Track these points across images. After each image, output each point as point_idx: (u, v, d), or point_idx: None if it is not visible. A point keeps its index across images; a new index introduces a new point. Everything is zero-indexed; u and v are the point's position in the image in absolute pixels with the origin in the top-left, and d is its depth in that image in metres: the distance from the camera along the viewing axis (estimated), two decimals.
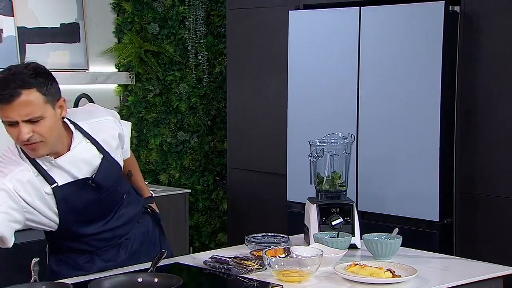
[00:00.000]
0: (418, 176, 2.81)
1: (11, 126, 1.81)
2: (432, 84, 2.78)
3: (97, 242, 2.04)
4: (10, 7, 3.53)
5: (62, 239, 2.02)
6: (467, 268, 2.17)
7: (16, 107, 1.77)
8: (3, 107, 1.78)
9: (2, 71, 1.84)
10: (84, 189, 1.94)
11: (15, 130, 1.81)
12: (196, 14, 3.83)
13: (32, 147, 1.84)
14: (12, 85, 1.77)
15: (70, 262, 2.04)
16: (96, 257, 2.05)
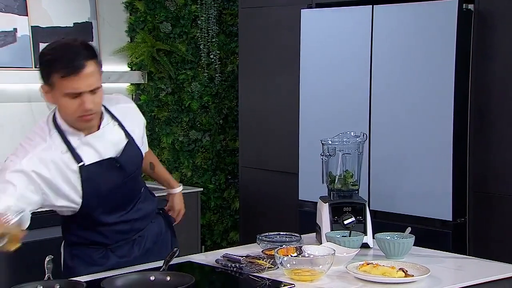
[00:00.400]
0: (431, 175, 2.80)
1: (72, 98, 1.85)
2: (445, 83, 2.76)
3: (114, 234, 2.05)
4: (24, 7, 3.56)
5: (80, 228, 2.04)
6: (481, 268, 2.16)
7: (84, 77, 1.83)
8: (71, 79, 1.82)
9: (58, 45, 1.89)
10: (109, 171, 1.97)
11: (75, 102, 1.85)
12: (208, 13, 3.83)
13: (89, 118, 1.90)
14: (78, 57, 1.83)
15: (84, 258, 2.06)
16: (110, 253, 2.07)
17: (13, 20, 3.52)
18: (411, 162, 2.86)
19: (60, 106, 1.90)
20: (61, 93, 1.86)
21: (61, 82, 1.84)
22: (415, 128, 2.86)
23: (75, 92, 1.85)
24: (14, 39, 3.52)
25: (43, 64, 1.89)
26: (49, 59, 1.86)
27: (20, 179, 1.85)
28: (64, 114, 1.91)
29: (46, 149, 1.90)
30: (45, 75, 1.88)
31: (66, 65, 1.83)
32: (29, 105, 3.64)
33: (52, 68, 1.85)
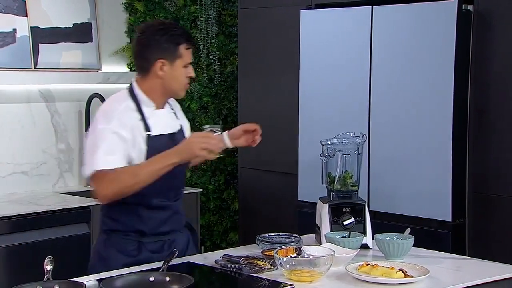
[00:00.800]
0: (431, 175, 2.80)
1: (185, 68, 2.20)
2: (445, 83, 2.76)
3: (151, 222, 2.17)
4: (23, 7, 3.56)
5: (122, 213, 2.16)
6: (480, 269, 2.16)
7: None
8: (190, 50, 2.21)
9: (171, 23, 2.27)
10: (168, 147, 2.14)
11: (187, 70, 2.20)
12: (207, 14, 3.83)
13: (187, 87, 2.25)
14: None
15: (118, 247, 2.17)
16: (143, 247, 2.18)
17: (13, 20, 3.52)
18: (410, 162, 2.86)
19: (176, 76, 2.18)
20: (182, 63, 2.18)
21: (186, 53, 2.18)
22: (414, 129, 2.86)
23: (190, 62, 2.21)
24: (14, 39, 3.52)
25: (172, 37, 2.16)
26: (177, 33, 2.18)
27: (115, 141, 2.09)
28: (177, 82, 2.20)
29: (125, 113, 2.13)
30: (174, 46, 2.16)
31: (190, 38, 2.22)
32: (28, 105, 3.64)
33: (181, 40, 2.17)
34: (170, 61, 2.16)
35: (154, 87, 2.19)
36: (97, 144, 2.08)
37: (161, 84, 2.19)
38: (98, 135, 2.10)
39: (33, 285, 1.79)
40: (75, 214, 3.32)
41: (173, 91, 2.22)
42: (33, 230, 3.17)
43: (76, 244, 3.29)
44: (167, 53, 2.16)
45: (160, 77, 2.17)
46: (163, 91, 2.20)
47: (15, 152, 3.58)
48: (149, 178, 2.07)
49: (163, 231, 2.21)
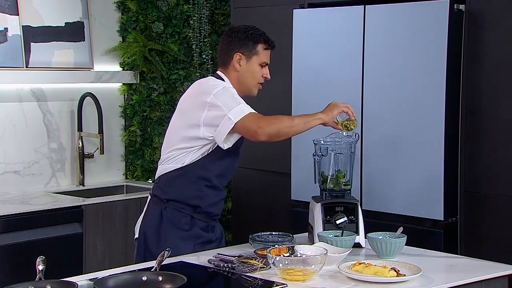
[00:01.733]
0: (423, 174, 2.81)
1: (261, 67, 2.43)
2: (437, 83, 2.77)
3: (207, 199, 2.38)
4: (15, 6, 3.54)
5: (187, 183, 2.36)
6: (472, 267, 2.17)
7: (270, 53, 2.47)
8: (268, 52, 2.45)
9: (252, 26, 2.47)
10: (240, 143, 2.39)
11: (261, 71, 2.44)
12: (200, 13, 3.83)
13: (261, 87, 2.47)
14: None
15: (174, 220, 2.36)
16: (195, 222, 2.37)
17: (4, 19, 3.50)
18: (403, 162, 2.87)
19: (250, 71, 2.41)
20: (258, 61, 2.41)
21: (263, 52, 2.42)
22: (407, 128, 2.86)
23: (266, 62, 2.44)
24: (5, 38, 3.50)
25: (251, 35, 2.41)
26: (257, 33, 2.42)
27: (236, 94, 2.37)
28: (251, 78, 2.42)
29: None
30: (252, 44, 2.40)
31: (269, 40, 2.45)
32: (20, 105, 3.63)
33: (260, 40, 2.42)
34: (247, 56, 2.40)
35: (233, 80, 2.41)
36: (235, 97, 2.32)
37: (237, 78, 2.41)
38: (228, 92, 2.33)
39: (25, 285, 1.79)
40: (67, 213, 3.31)
41: (247, 87, 2.42)
42: (25, 229, 3.16)
43: (69, 244, 3.28)
44: (245, 48, 2.39)
45: (237, 70, 2.40)
46: (240, 86, 2.41)
47: (7, 151, 3.57)
48: (302, 127, 2.33)
49: (212, 211, 2.42)
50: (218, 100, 2.29)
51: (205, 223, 2.41)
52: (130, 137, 4.05)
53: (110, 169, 4.00)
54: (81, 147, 3.80)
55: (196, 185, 2.36)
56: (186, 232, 2.36)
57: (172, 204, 2.38)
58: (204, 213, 2.40)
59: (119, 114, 4.06)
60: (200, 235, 2.38)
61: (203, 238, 2.39)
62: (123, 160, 4.08)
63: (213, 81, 2.39)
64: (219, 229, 2.51)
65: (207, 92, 2.32)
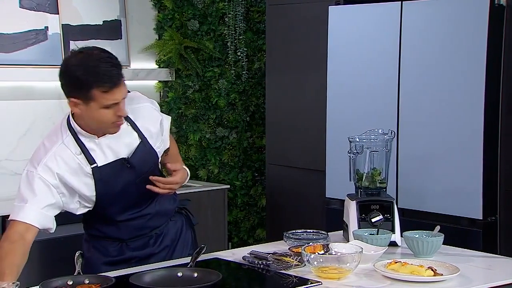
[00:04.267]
0: (461, 172, 2.76)
1: (108, 108, 1.91)
2: (476, 80, 2.72)
3: (129, 230, 2.11)
4: (55, 5, 3.61)
5: (97, 222, 2.11)
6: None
7: (121, 88, 1.92)
8: (113, 91, 1.89)
9: (86, 60, 1.89)
10: (121, 171, 2.01)
11: (111, 111, 1.91)
12: (235, 10, 3.83)
13: (120, 124, 1.97)
14: (113, 70, 1.90)
15: (101, 249, 2.13)
16: (125, 246, 2.13)
17: (45, 18, 3.57)
18: (440, 159, 2.83)
19: (94, 117, 1.93)
20: (100, 105, 1.90)
21: (103, 96, 1.89)
22: (444, 125, 2.82)
23: (114, 102, 1.91)
24: (45, 37, 3.57)
25: (82, 79, 1.88)
26: (86, 77, 1.87)
27: (41, 189, 1.93)
28: (99, 123, 1.95)
29: (62, 151, 1.98)
30: (85, 90, 1.89)
31: (108, 80, 1.88)
32: (59, 102, 3.69)
33: (93, 84, 1.87)
34: (84, 102, 1.91)
35: (81, 120, 1.97)
36: (24, 192, 1.93)
37: (85, 123, 1.97)
38: (27, 183, 1.94)
39: (64, 279, 1.82)
40: None
41: (100, 130, 1.98)
42: (64, 224, 3.18)
43: None
44: (79, 94, 1.90)
45: (79, 115, 1.95)
46: (92, 127, 1.97)
47: None
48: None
49: (144, 233, 2.14)
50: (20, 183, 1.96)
51: (141, 241, 2.14)
52: None
53: None
54: None
55: (111, 222, 2.09)
56: (115, 258, 2.11)
57: (96, 239, 2.14)
58: (135, 237, 2.13)
59: None
60: (133, 256, 2.12)
61: (140, 256, 2.12)
62: None
63: (33, 155, 1.98)
64: (173, 234, 2.19)
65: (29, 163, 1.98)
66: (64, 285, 1.80)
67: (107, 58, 1.91)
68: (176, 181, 2.09)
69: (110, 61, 1.91)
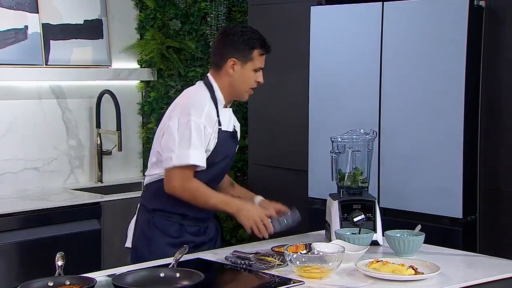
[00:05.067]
0: (441, 172, 2.79)
1: (255, 72, 2.35)
2: (456, 80, 2.74)
3: (195, 206, 2.29)
4: (35, 4, 3.57)
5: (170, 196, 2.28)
6: (491, 266, 2.15)
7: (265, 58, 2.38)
8: (263, 57, 2.36)
9: (252, 29, 2.39)
10: (229, 141, 2.37)
11: (255, 76, 2.35)
12: (217, 10, 3.83)
13: (252, 92, 2.39)
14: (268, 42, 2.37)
15: (161, 228, 2.32)
16: (184, 230, 2.34)
17: (24, 17, 3.53)
18: (421, 159, 2.85)
19: (244, 77, 2.33)
20: (253, 67, 2.34)
21: (258, 58, 2.34)
22: (425, 125, 2.84)
23: (261, 67, 2.36)
24: (25, 36, 3.53)
25: (247, 41, 2.32)
26: (254, 37, 2.33)
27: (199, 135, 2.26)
28: (243, 84, 2.35)
29: (211, 106, 2.32)
30: (247, 49, 2.32)
31: (266, 45, 2.35)
32: (39, 102, 3.66)
33: (256, 45, 2.33)
34: (242, 61, 2.32)
35: (225, 85, 2.34)
36: (188, 137, 2.23)
37: (230, 83, 2.34)
38: (187, 127, 2.24)
39: (44, 280, 1.80)
40: (86, 210, 3.34)
41: (239, 92, 2.36)
42: (44, 226, 3.19)
43: (87, 240, 3.31)
44: (240, 54, 2.32)
45: (230, 75, 2.33)
46: (231, 90, 2.35)
47: (27, 148, 3.60)
48: (210, 208, 2.30)
49: (201, 217, 2.36)
50: (178, 130, 2.24)
51: (196, 227, 2.37)
52: (148, 134, 4.07)
53: (128, 166, 4.02)
54: (99, 144, 3.83)
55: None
56: (176, 239, 2.31)
57: (159, 214, 2.34)
58: (194, 219, 2.35)
59: (137, 111, 4.08)
60: (191, 240, 2.31)
61: (195, 242, 2.33)
62: (141, 157, 4.11)
63: (195, 104, 2.28)
64: (214, 227, 2.45)
65: (181, 113, 2.27)
66: (45, 287, 1.78)
67: (256, 31, 2.38)
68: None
69: (260, 34, 2.37)
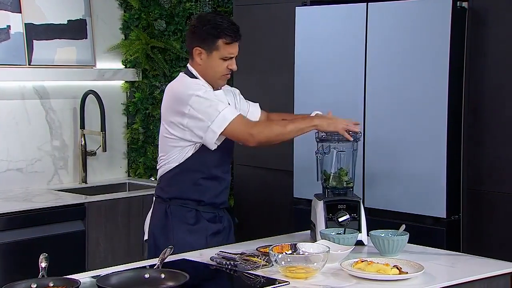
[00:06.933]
0: (425, 173, 2.81)
1: (224, 60, 2.32)
2: (439, 81, 2.76)
3: (210, 192, 2.36)
4: (17, 4, 3.54)
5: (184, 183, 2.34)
6: (475, 265, 2.17)
7: (237, 45, 2.35)
8: (233, 45, 2.31)
9: (219, 16, 2.35)
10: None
11: (225, 63, 2.32)
12: (202, 10, 3.82)
13: (227, 77, 2.38)
14: (237, 28, 2.33)
15: (179, 215, 2.35)
16: (200, 216, 2.37)
17: (7, 17, 3.50)
18: (405, 159, 2.87)
19: (211, 66, 2.32)
20: (219, 56, 2.31)
21: (224, 47, 2.30)
22: (409, 126, 2.86)
23: (231, 56, 2.32)
24: (8, 36, 3.50)
25: (211, 29, 2.28)
26: (219, 26, 2.28)
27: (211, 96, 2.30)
28: (213, 72, 2.33)
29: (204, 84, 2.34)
30: (211, 38, 2.29)
31: (233, 33, 2.29)
32: (22, 102, 3.63)
33: (221, 34, 2.29)
34: (207, 51, 2.31)
35: (199, 73, 2.35)
36: (213, 104, 2.25)
37: (201, 71, 2.34)
38: (205, 98, 2.26)
39: (28, 282, 1.79)
40: (70, 211, 3.32)
41: (211, 79, 2.35)
42: (27, 227, 3.16)
43: (71, 241, 3.29)
44: (205, 44, 2.31)
45: (199, 64, 2.33)
46: (204, 78, 2.34)
47: (10, 149, 3.57)
48: (293, 133, 2.31)
49: (217, 202, 2.40)
50: (197, 111, 2.26)
51: (211, 214, 2.41)
52: (133, 134, 4.06)
53: (112, 166, 4.00)
54: (84, 145, 3.80)
55: (195, 179, 2.36)
56: (193, 226, 2.36)
57: (175, 201, 2.39)
58: (209, 205, 2.40)
59: (122, 112, 4.07)
60: (208, 227, 2.38)
61: (212, 229, 2.39)
62: (126, 158, 4.09)
63: (186, 85, 2.31)
64: (227, 218, 2.49)
65: (183, 101, 2.29)
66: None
67: (230, 19, 2.36)
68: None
69: (232, 22, 2.33)
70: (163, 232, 2.36)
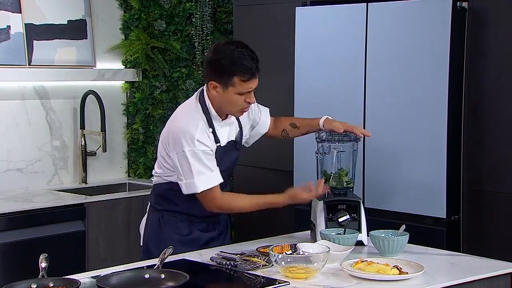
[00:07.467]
0: (426, 173, 2.80)
1: (241, 95, 2.25)
2: (440, 81, 2.76)
3: (203, 207, 2.31)
4: (17, 4, 3.54)
5: (181, 198, 2.31)
6: (475, 265, 2.17)
7: (256, 79, 2.27)
8: (250, 81, 2.24)
9: (235, 50, 2.23)
10: (231, 151, 2.36)
11: (242, 97, 2.25)
12: (202, 11, 3.82)
13: (247, 110, 2.33)
14: (255, 63, 2.25)
15: (172, 225, 2.36)
16: (193, 226, 2.38)
17: (7, 17, 3.50)
18: (405, 160, 2.87)
19: (228, 100, 2.25)
20: (235, 91, 2.23)
21: (241, 84, 2.23)
22: (409, 126, 2.86)
23: (248, 90, 2.25)
24: (8, 36, 3.50)
25: (226, 67, 2.21)
26: (235, 62, 2.20)
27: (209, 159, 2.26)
28: (230, 106, 2.27)
29: (205, 127, 2.28)
30: (227, 76, 2.22)
31: (248, 71, 2.22)
32: (22, 102, 3.63)
33: (236, 72, 2.21)
34: (223, 86, 2.24)
35: (214, 102, 2.29)
36: (194, 168, 2.22)
37: (216, 105, 2.29)
38: (189, 159, 2.22)
39: (28, 282, 1.79)
40: (70, 211, 3.32)
41: (228, 112, 2.31)
42: (27, 227, 3.17)
43: (71, 241, 3.29)
44: (220, 79, 2.23)
45: (214, 96, 2.27)
46: (220, 109, 2.30)
47: (10, 149, 3.57)
48: (256, 210, 2.33)
49: (209, 215, 2.38)
50: (178, 163, 2.25)
51: (204, 223, 2.41)
52: (133, 135, 4.06)
53: (112, 167, 4.00)
54: (84, 145, 3.81)
55: (188, 197, 2.31)
56: (186, 237, 2.36)
57: (168, 213, 2.39)
58: (202, 217, 2.40)
59: (122, 112, 4.07)
60: (201, 236, 2.39)
61: (205, 238, 2.39)
62: (126, 158, 4.09)
63: (185, 133, 2.24)
64: (224, 221, 2.49)
65: (174, 145, 2.26)
66: None
67: (249, 53, 2.24)
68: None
69: (251, 55, 2.24)
70: (155, 242, 2.36)
